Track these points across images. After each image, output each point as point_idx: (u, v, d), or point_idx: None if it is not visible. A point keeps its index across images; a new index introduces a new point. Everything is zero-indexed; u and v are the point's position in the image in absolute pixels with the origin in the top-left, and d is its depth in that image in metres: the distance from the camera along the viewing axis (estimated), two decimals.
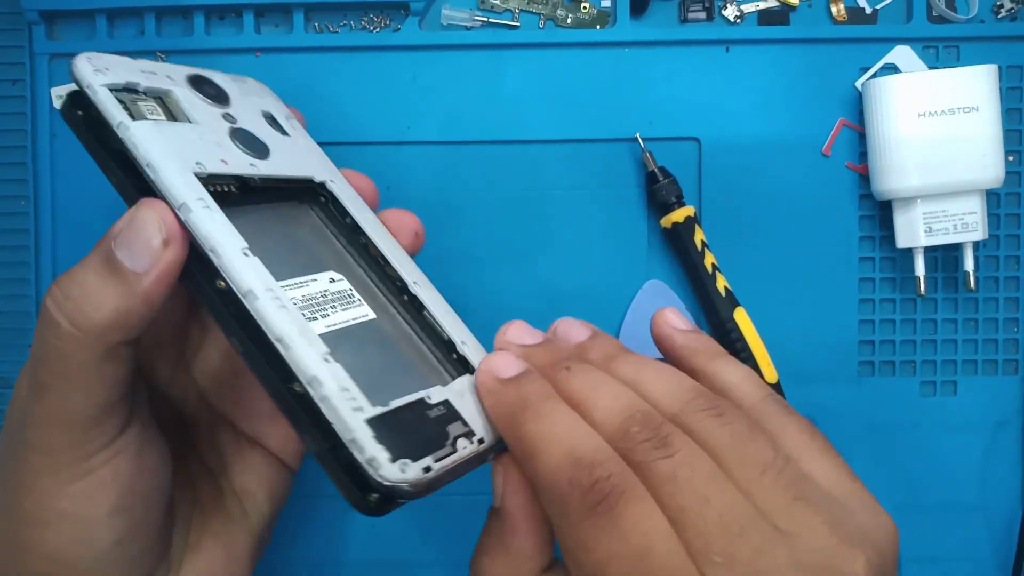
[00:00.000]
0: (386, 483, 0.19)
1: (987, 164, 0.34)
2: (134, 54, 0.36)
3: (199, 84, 0.27)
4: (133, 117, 0.23)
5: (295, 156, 0.28)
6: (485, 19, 0.36)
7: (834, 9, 0.36)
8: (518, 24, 0.37)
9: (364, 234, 0.28)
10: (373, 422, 0.20)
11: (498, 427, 0.23)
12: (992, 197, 0.36)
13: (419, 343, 0.27)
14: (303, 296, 0.23)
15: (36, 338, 0.23)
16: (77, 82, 0.23)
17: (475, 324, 0.36)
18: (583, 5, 0.37)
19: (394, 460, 0.19)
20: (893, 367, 0.37)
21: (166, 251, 0.22)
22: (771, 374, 0.35)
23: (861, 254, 0.36)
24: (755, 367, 0.35)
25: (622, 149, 0.36)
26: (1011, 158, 0.36)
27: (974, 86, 0.33)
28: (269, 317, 0.20)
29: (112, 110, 0.23)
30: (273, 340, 0.20)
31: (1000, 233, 0.36)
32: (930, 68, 0.36)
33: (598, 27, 0.37)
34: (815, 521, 0.20)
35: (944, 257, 0.37)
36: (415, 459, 0.20)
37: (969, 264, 0.35)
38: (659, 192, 0.35)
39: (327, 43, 0.36)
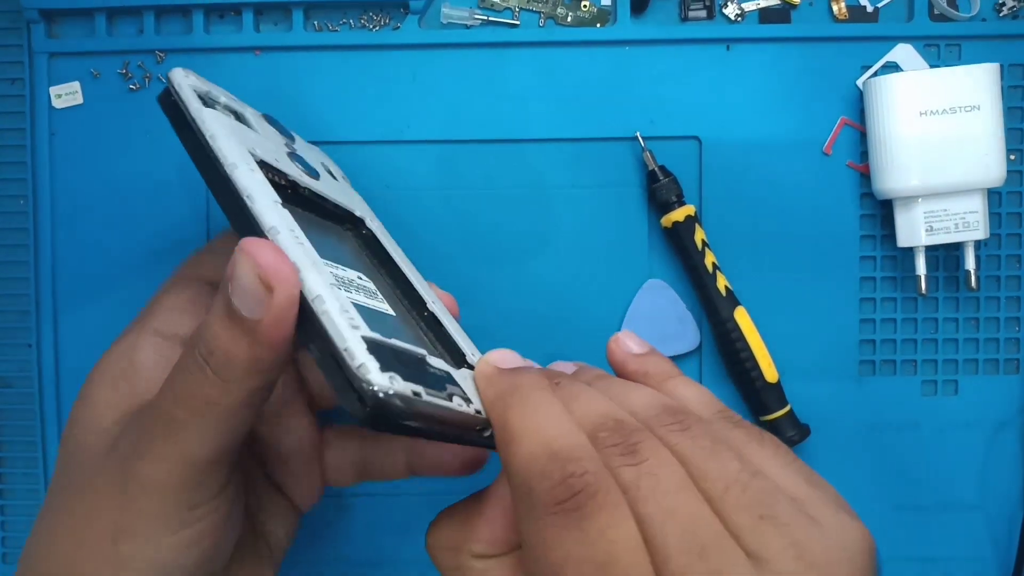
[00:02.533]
0: (372, 389, 0.19)
1: (988, 163, 0.34)
2: (133, 53, 0.36)
3: (270, 119, 0.31)
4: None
5: (343, 192, 0.31)
6: (485, 17, 0.36)
7: (835, 7, 0.36)
8: (518, 22, 0.37)
9: (396, 265, 0.30)
10: (369, 341, 0.20)
11: (488, 412, 0.23)
12: (993, 196, 0.36)
13: (432, 344, 0.28)
14: (330, 271, 0.23)
15: (175, 378, 0.23)
16: (168, 80, 0.26)
17: (475, 323, 0.36)
18: (583, 3, 0.36)
19: (383, 371, 0.19)
20: (894, 366, 0.37)
21: (275, 296, 0.21)
22: (771, 373, 0.35)
23: (862, 253, 0.36)
24: (755, 366, 0.35)
25: (622, 148, 0.36)
26: (1012, 157, 0.36)
27: (975, 85, 0.33)
28: (286, 244, 0.22)
29: (190, 98, 0.25)
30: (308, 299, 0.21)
31: (1001, 232, 0.36)
32: (931, 67, 0.36)
33: (598, 25, 0.36)
34: (781, 544, 0.19)
35: (945, 256, 0.37)
36: (405, 380, 0.20)
37: (970, 263, 0.35)
38: (659, 191, 0.35)
39: (326, 42, 0.36)
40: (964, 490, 0.36)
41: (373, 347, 0.20)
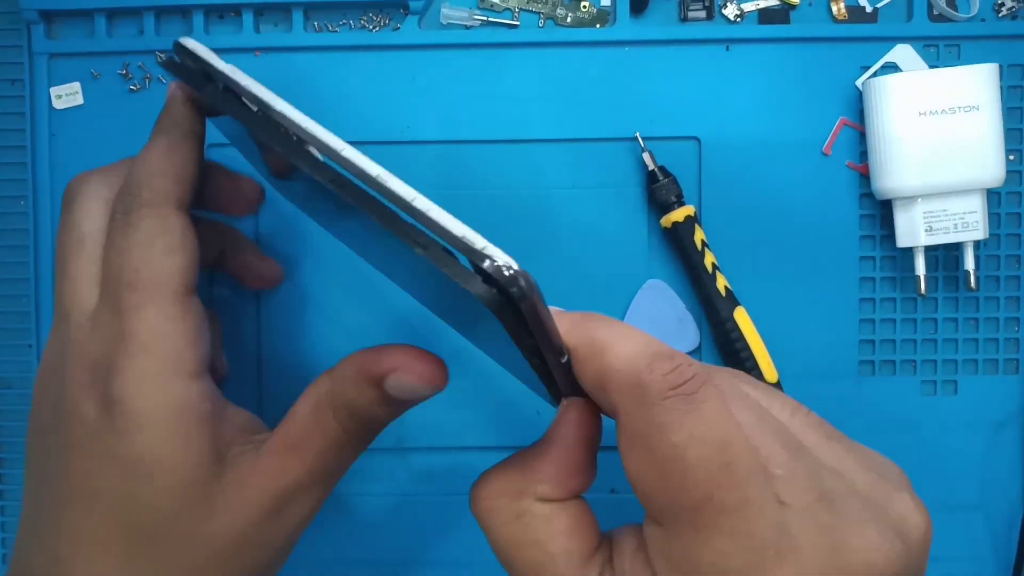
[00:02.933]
0: (497, 264, 0.19)
1: (988, 163, 0.34)
2: (133, 53, 0.36)
3: None
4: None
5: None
6: (484, 18, 0.36)
7: (835, 8, 0.36)
8: (518, 23, 0.37)
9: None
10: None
11: (565, 333, 0.22)
12: (993, 196, 0.36)
13: None
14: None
15: None
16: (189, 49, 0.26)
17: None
18: (583, 4, 0.37)
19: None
20: (893, 366, 0.37)
21: None
22: (771, 373, 0.35)
23: (861, 253, 0.36)
24: (755, 366, 0.35)
25: (622, 148, 0.36)
26: (1012, 157, 0.36)
27: (975, 85, 0.33)
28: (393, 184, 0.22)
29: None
30: (408, 200, 0.21)
31: (1001, 232, 0.36)
32: (931, 67, 0.36)
33: (598, 26, 0.37)
34: (852, 459, 0.21)
35: (945, 256, 0.37)
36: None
37: (970, 263, 0.35)
38: (659, 191, 0.35)
39: (326, 42, 0.36)
40: (964, 490, 0.36)
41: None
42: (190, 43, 0.26)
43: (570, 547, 0.22)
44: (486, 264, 0.19)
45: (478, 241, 0.20)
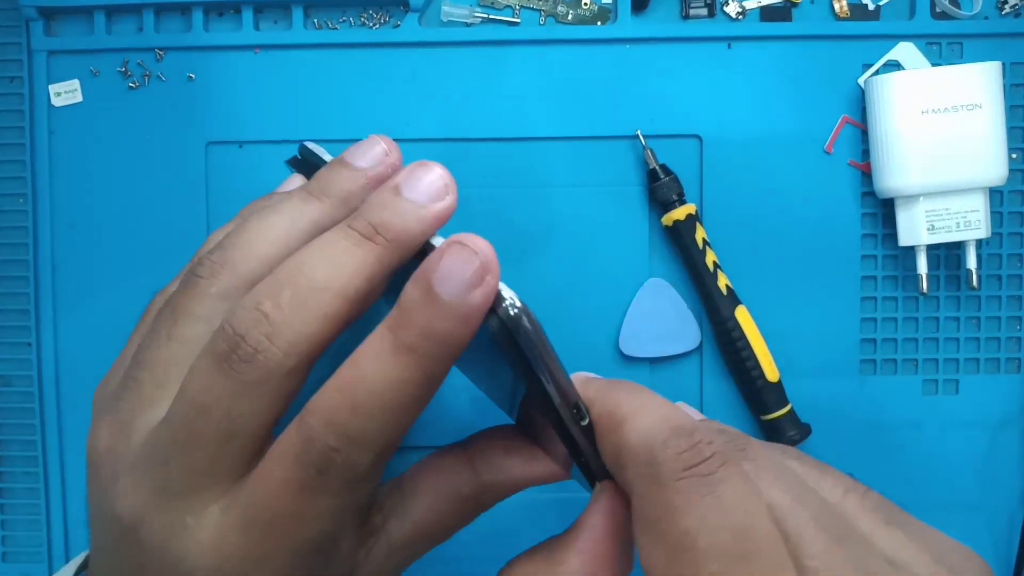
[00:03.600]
0: (503, 297, 0.20)
1: (990, 162, 0.33)
2: (132, 51, 0.36)
3: None
4: None
5: None
6: (485, 15, 0.36)
7: (837, 5, 0.36)
8: (518, 20, 0.36)
9: None
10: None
11: (589, 403, 0.21)
12: (995, 195, 0.36)
13: None
14: None
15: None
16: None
17: None
18: (584, 1, 0.36)
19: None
20: (895, 365, 0.36)
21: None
22: (772, 372, 0.35)
23: (863, 252, 0.36)
24: (756, 365, 0.35)
25: (623, 146, 0.36)
26: (1014, 156, 0.36)
27: (977, 83, 0.33)
28: None
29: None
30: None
31: (1003, 231, 0.36)
32: (933, 65, 0.36)
33: (599, 23, 0.36)
34: (915, 548, 0.18)
35: (946, 255, 0.36)
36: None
37: (972, 262, 0.35)
38: (660, 190, 0.35)
39: (326, 40, 0.36)
40: (965, 490, 0.36)
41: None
42: (313, 146, 0.28)
43: None
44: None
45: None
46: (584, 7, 0.36)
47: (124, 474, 0.22)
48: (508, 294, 0.20)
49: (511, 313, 0.20)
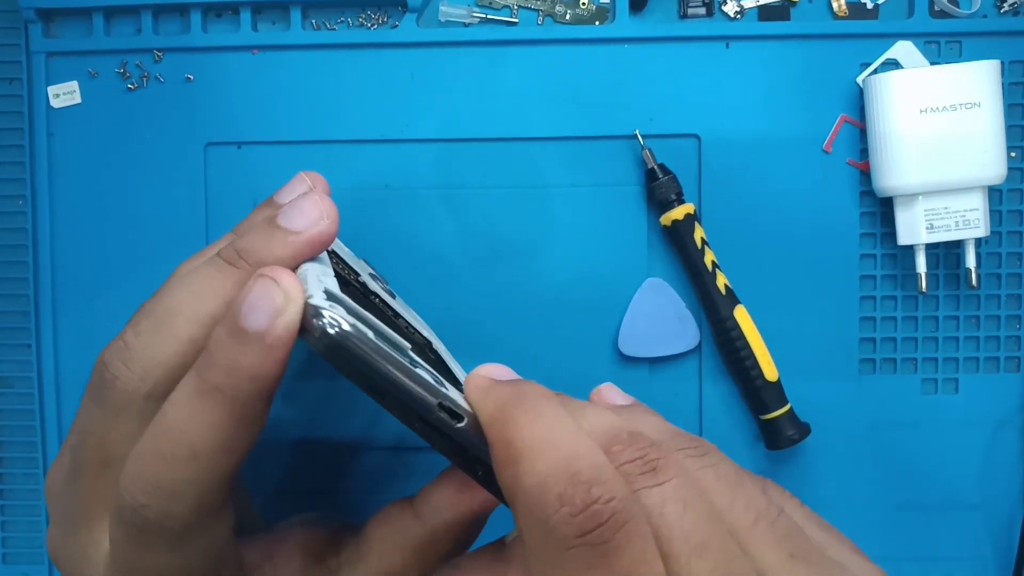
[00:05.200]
0: (311, 302, 0.20)
1: (989, 160, 0.33)
2: (131, 52, 0.36)
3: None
4: None
5: (408, 312, 0.32)
6: (483, 15, 0.36)
7: (835, 4, 0.36)
8: (516, 20, 0.36)
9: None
10: (330, 292, 0.21)
11: (485, 424, 0.20)
12: (994, 193, 0.36)
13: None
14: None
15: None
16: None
17: (474, 322, 0.36)
18: (582, 1, 0.36)
19: (328, 299, 0.20)
20: (894, 365, 0.36)
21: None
22: (771, 372, 0.35)
23: (862, 251, 0.36)
24: (755, 365, 0.35)
25: (621, 146, 0.36)
26: (1013, 154, 0.36)
27: (976, 82, 0.33)
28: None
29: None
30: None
31: (1002, 230, 0.36)
32: (932, 64, 0.36)
33: (597, 23, 0.36)
34: None
35: (946, 254, 0.36)
36: (349, 312, 0.20)
37: (971, 261, 0.35)
38: (659, 189, 0.35)
39: (325, 40, 0.36)
40: (964, 489, 0.36)
41: (333, 296, 0.21)
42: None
43: None
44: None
45: (315, 294, 0.20)
46: (582, 7, 0.36)
47: (51, 510, 0.23)
48: (329, 314, 0.19)
49: (329, 332, 0.19)
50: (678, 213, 0.35)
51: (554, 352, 0.36)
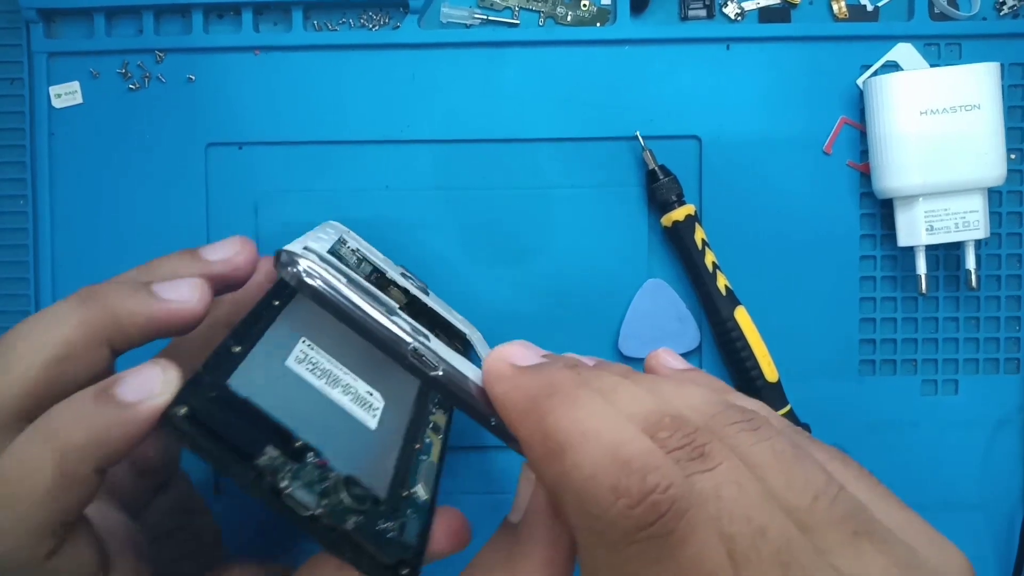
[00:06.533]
0: (286, 247, 0.22)
1: (989, 162, 0.33)
2: (132, 52, 0.36)
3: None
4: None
5: (445, 309, 0.32)
6: (484, 17, 0.36)
7: (835, 6, 0.36)
8: (517, 22, 0.36)
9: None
10: (311, 248, 0.23)
11: (511, 419, 0.19)
12: (994, 195, 0.36)
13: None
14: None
15: None
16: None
17: (474, 322, 0.36)
18: (583, 3, 0.36)
19: (304, 249, 0.22)
20: (894, 366, 0.37)
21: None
22: (771, 373, 0.35)
23: (862, 252, 0.36)
24: (756, 365, 0.35)
25: (622, 147, 0.36)
26: (1013, 156, 0.36)
27: (976, 84, 0.33)
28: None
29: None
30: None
31: (1002, 231, 0.36)
32: (932, 66, 0.36)
33: (598, 25, 0.36)
34: (882, 563, 0.16)
35: (945, 255, 0.37)
36: (321, 259, 0.22)
37: (971, 262, 0.35)
38: (659, 190, 0.35)
39: (326, 41, 0.36)
40: (964, 489, 0.36)
41: (310, 249, 0.23)
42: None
43: None
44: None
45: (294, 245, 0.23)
46: (583, 8, 0.36)
47: None
48: (292, 254, 0.22)
49: (290, 270, 0.21)
50: (679, 214, 0.35)
51: (554, 352, 0.36)
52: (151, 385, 0.20)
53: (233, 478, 0.20)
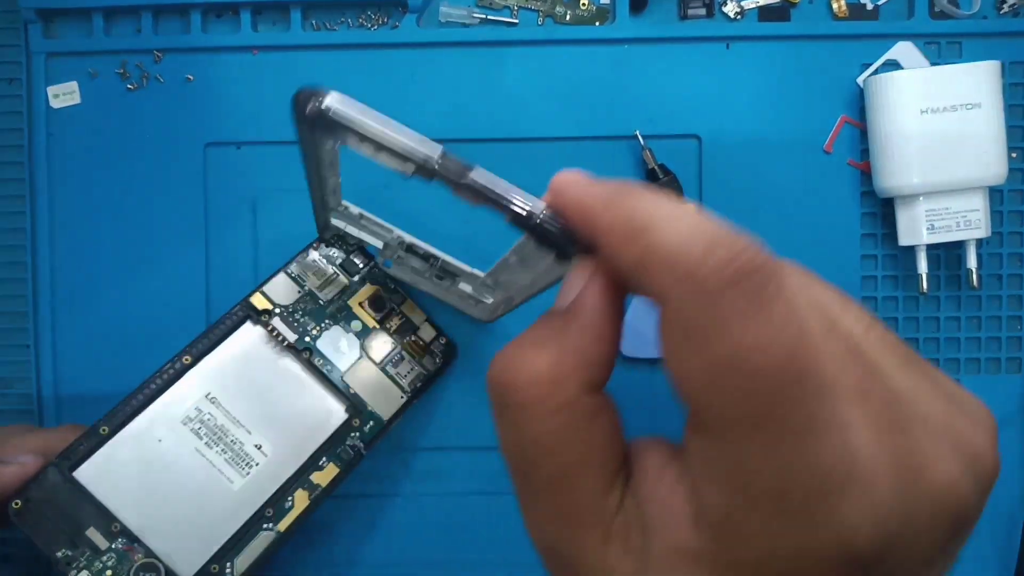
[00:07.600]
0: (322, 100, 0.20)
1: (990, 161, 0.33)
2: (131, 52, 0.36)
3: None
4: None
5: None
6: (483, 16, 0.36)
7: (835, 5, 0.36)
8: (516, 21, 0.36)
9: None
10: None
11: (592, 212, 0.19)
12: (995, 194, 0.36)
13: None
14: None
15: None
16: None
17: (475, 323, 0.36)
18: (582, 2, 0.36)
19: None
20: None
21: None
22: None
23: (863, 252, 0.36)
24: None
25: (622, 146, 0.36)
26: (1014, 155, 0.36)
27: (976, 82, 0.33)
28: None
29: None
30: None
31: (1003, 230, 0.36)
32: (932, 64, 0.36)
33: (597, 24, 0.36)
34: (927, 385, 0.18)
35: (946, 254, 0.36)
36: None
37: (972, 262, 0.35)
38: (659, 190, 0.35)
39: (325, 41, 0.36)
40: None
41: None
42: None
43: (604, 458, 0.19)
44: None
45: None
46: (582, 7, 0.36)
47: None
48: (328, 99, 0.20)
49: (319, 106, 0.20)
50: None
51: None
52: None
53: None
